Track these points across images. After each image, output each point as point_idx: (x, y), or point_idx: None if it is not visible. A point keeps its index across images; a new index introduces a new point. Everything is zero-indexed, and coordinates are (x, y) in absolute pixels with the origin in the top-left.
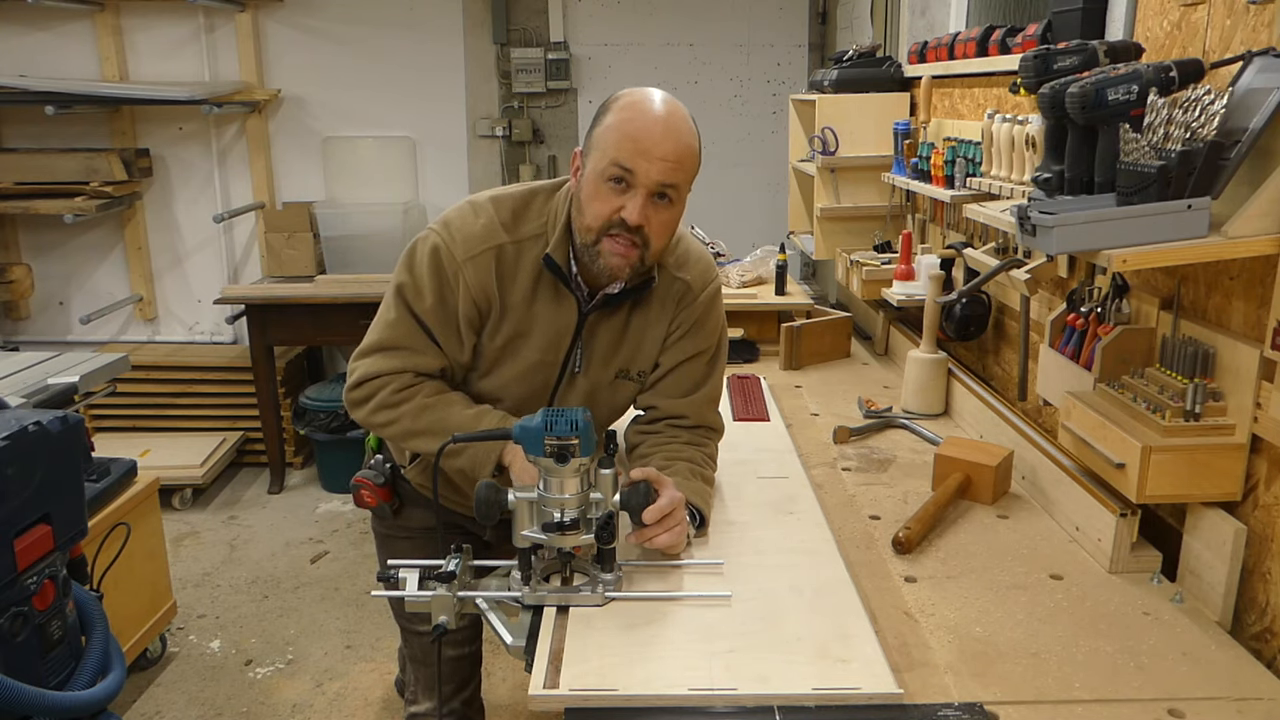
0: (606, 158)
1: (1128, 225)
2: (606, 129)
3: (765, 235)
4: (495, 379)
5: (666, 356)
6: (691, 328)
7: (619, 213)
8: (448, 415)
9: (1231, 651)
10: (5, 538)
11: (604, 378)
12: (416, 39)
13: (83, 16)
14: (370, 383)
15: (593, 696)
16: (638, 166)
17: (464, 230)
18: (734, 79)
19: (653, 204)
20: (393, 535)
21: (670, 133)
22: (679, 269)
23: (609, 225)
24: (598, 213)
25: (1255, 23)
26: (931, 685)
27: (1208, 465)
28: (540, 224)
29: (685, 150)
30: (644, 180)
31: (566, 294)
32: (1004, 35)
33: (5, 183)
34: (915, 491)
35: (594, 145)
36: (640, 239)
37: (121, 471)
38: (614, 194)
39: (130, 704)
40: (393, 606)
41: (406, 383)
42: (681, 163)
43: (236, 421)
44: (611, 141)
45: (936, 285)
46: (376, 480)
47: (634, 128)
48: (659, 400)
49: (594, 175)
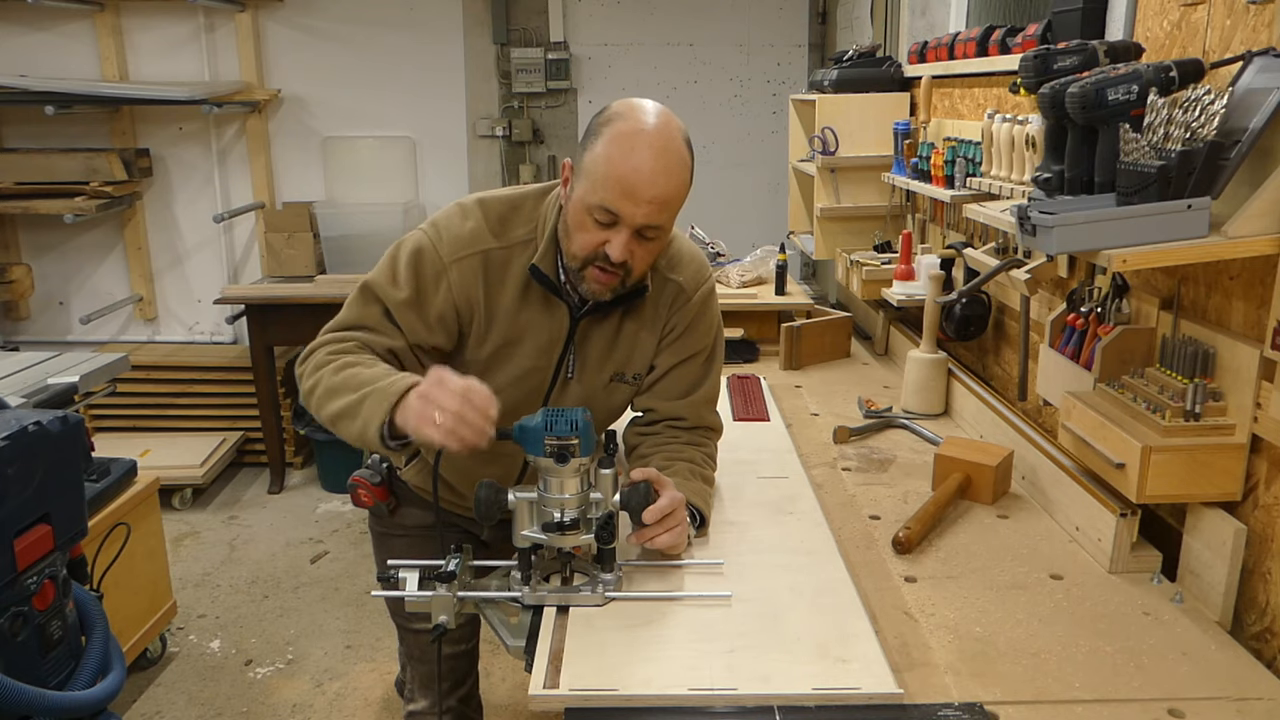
0: (595, 195)
1: (1128, 225)
2: (596, 160)
3: (765, 235)
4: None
5: (662, 358)
6: (686, 329)
7: (603, 246)
8: (360, 373)
9: (1231, 651)
10: (5, 538)
11: (598, 382)
12: (416, 39)
13: (83, 16)
14: (317, 353)
15: (593, 696)
16: (624, 210)
17: (451, 231)
18: (734, 79)
19: (636, 240)
20: (390, 534)
21: (660, 174)
22: (671, 270)
23: (593, 257)
24: (583, 244)
25: (1255, 23)
26: (931, 685)
27: (1208, 465)
28: (529, 229)
29: (674, 191)
30: (629, 222)
31: (557, 300)
32: (1004, 35)
33: (5, 183)
34: (915, 491)
35: (584, 171)
36: (624, 269)
37: (121, 471)
38: (598, 228)
39: (130, 704)
40: (389, 604)
41: (347, 350)
42: (669, 204)
43: (236, 421)
44: (599, 177)
45: (936, 285)
46: (373, 480)
47: (625, 168)
48: (656, 403)
49: (580, 206)
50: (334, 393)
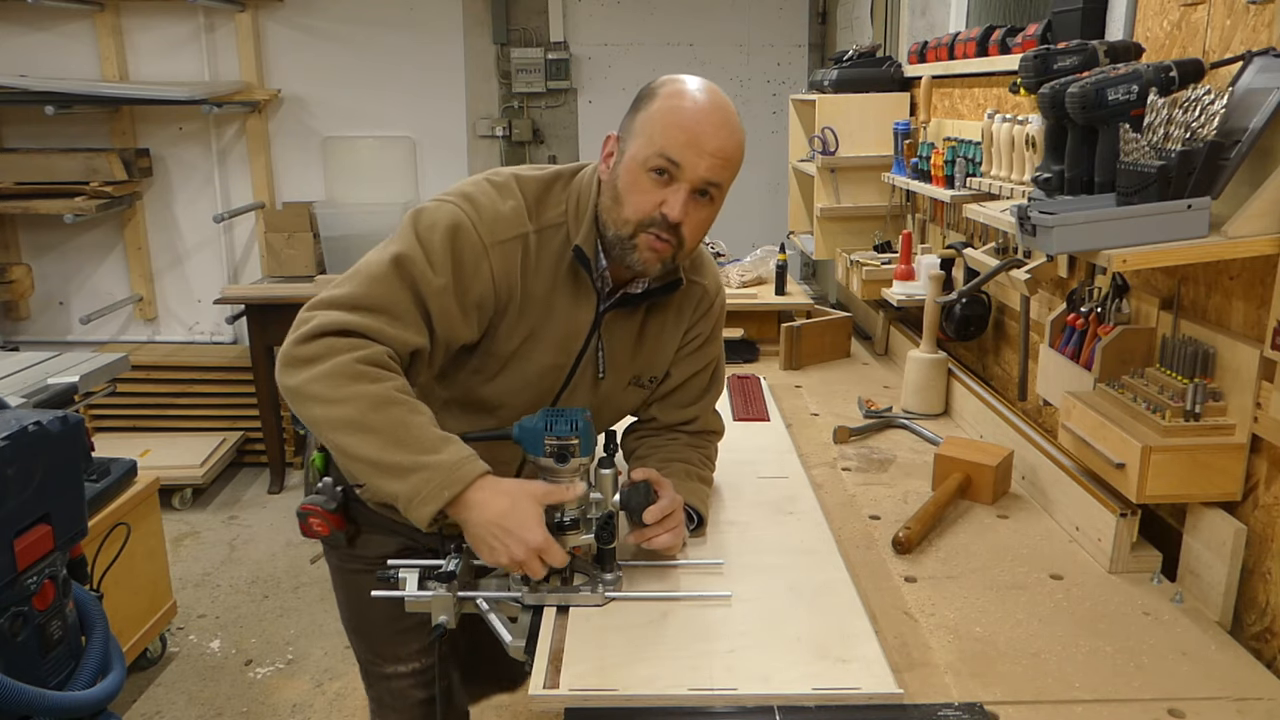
0: (653, 146)
1: (1128, 225)
2: (652, 115)
3: (765, 235)
4: (503, 383)
5: (680, 367)
6: (708, 338)
7: (660, 207)
8: (410, 424)
9: (1231, 651)
10: (5, 538)
11: (619, 383)
12: (416, 39)
13: (83, 16)
14: (331, 339)
15: (593, 696)
16: (685, 159)
17: (491, 210)
18: (734, 79)
19: (693, 200)
20: (352, 570)
21: (723, 126)
22: (695, 273)
23: (649, 221)
24: (638, 206)
25: (1255, 23)
26: (931, 685)
27: (1208, 465)
28: (560, 211)
29: (735, 147)
30: (690, 175)
31: (588, 289)
32: (1004, 35)
33: (5, 183)
34: (915, 491)
35: (636, 131)
36: (677, 238)
37: (121, 471)
38: (656, 186)
39: (130, 704)
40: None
41: (379, 359)
42: (730, 160)
43: (236, 421)
44: (659, 129)
45: (936, 285)
46: (328, 506)
47: (685, 117)
48: (668, 412)
49: (634, 164)
50: (369, 432)
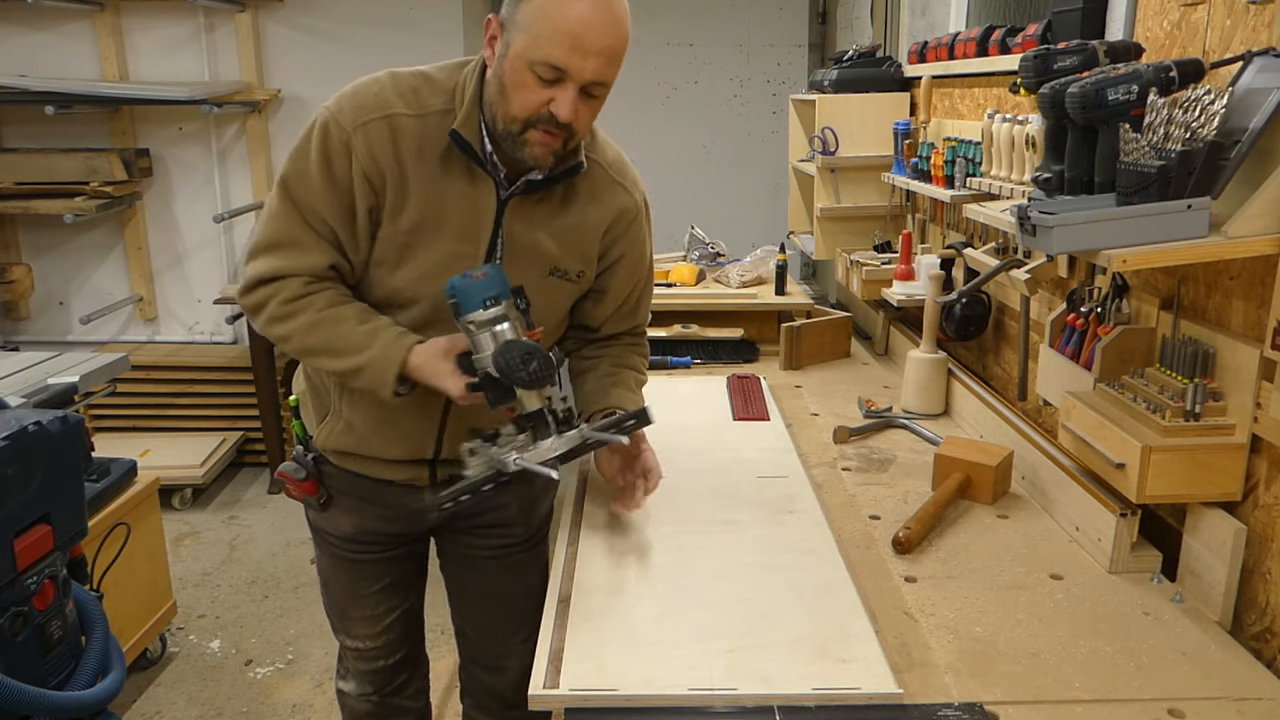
0: (539, 50)
1: (1128, 225)
2: (535, 11)
3: (765, 235)
4: (408, 272)
5: (617, 283)
6: (639, 254)
7: (548, 106)
8: (336, 333)
9: (1231, 651)
10: (5, 538)
11: (532, 274)
12: (416, 39)
13: (83, 16)
14: (260, 289)
15: (593, 696)
16: (572, 65)
17: (354, 99)
18: (734, 79)
19: (581, 99)
20: (329, 545)
21: (609, 23)
22: (620, 174)
23: (536, 119)
24: (524, 104)
25: (1255, 23)
26: (931, 685)
27: (1208, 465)
28: (445, 99)
29: (621, 42)
30: (577, 78)
31: (482, 175)
32: (1004, 35)
33: (5, 183)
34: (915, 491)
35: (520, 24)
36: (566, 130)
37: (121, 471)
38: (542, 86)
39: (130, 704)
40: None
41: (297, 291)
42: (616, 56)
43: (236, 421)
44: (542, 31)
45: (936, 285)
46: (298, 475)
47: (571, 20)
48: (613, 325)
49: (520, 61)
50: (317, 354)
